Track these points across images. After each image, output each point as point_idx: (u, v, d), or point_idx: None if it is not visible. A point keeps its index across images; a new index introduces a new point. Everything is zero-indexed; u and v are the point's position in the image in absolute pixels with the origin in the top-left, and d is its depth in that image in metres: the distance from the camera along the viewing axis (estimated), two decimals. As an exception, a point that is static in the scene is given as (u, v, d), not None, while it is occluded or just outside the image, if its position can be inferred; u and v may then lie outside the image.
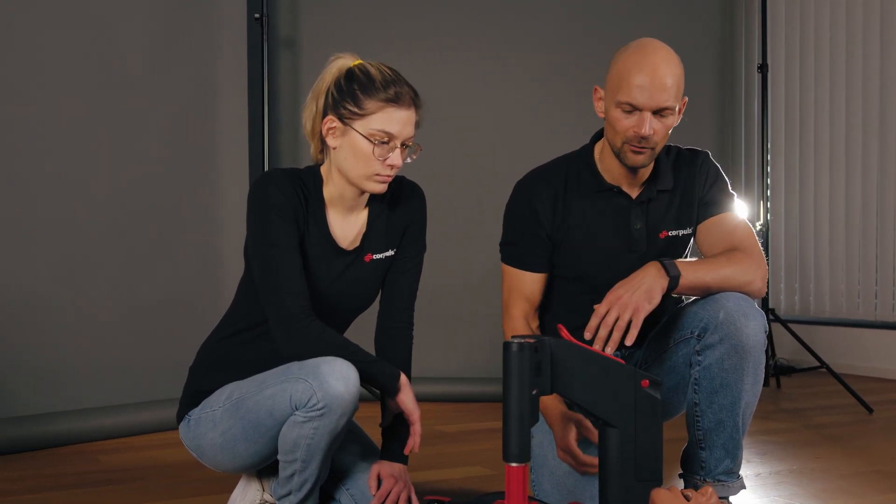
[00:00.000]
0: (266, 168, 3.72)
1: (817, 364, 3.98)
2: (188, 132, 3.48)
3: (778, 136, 5.19)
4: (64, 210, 3.15)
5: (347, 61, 1.88)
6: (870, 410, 3.62)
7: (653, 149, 1.96)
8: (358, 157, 1.83)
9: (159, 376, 3.26)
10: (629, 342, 1.77)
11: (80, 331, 3.18)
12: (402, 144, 1.84)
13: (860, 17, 4.77)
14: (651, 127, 1.90)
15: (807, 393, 4.15)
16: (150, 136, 3.37)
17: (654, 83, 1.88)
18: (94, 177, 3.22)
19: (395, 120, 1.81)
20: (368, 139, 1.81)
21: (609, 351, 1.77)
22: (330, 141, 1.86)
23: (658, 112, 1.91)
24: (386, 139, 1.81)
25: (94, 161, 3.23)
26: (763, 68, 4.22)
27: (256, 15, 3.79)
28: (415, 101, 1.84)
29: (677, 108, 1.95)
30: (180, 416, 1.96)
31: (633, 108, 1.91)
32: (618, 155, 1.99)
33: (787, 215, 5.18)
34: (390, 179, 1.86)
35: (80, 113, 3.20)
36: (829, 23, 4.93)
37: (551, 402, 1.98)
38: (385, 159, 1.82)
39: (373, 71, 1.83)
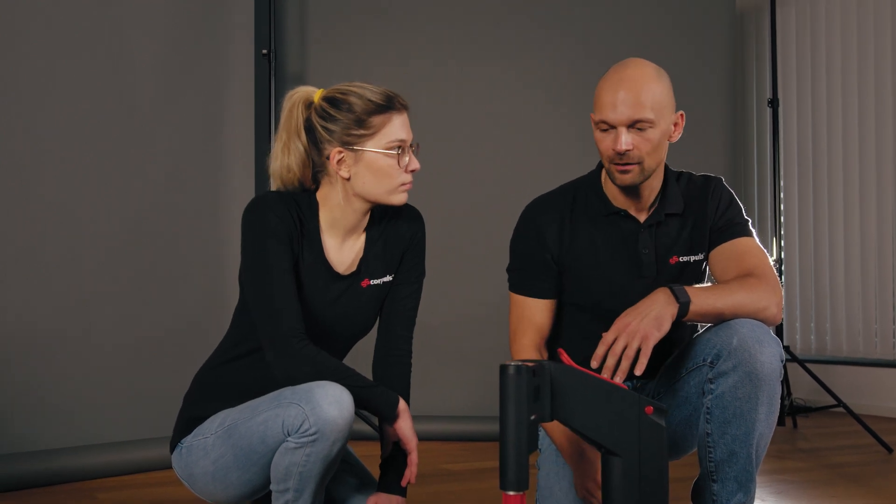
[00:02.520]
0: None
1: (833, 403, 3.89)
2: (195, 166, 3.48)
3: (791, 172, 5.14)
4: (68, 242, 3.14)
5: (308, 92, 1.88)
6: (889, 450, 3.53)
7: (640, 164, 1.92)
8: (380, 176, 1.82)
9: (159, 413, 3.20)
10: (638, 372, 1.71)
11: (81, 367, 3.13)
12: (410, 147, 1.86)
13: (871, 51, 4.75)
14: (627, 142, 1.89)
15: (823, 433, 4.05)
16: (158, 169, 3.36)
17: (620, 97, 1.88)
18: (100, 209, 3.21)
19: (400, 125, 1.83)
20: (387, 154, 1.81)
21: (618, 380, 1.71)
22: (343, 172, 1.83)
23: (633, 126, 1.89)
24: (400, 147, 1.82)
25: (101, 193, 3.21)
26: (773, 103, 4.19)
27: (264, 51, 3.80)
28: (404, 102, 1.86)
29: (662, 122, 1.91)
30: (173, 444, 1.91)
31: (608, 126, 1.91)
32: (610, 177, 1.97)
33: (802, 252, 5.12)
34: (412, 185, 1.87)
35: (88, 145, 3.19)
36: (840, 56, 4.91)
37: (567, 436, 1.92)
38: (407, 167, 1.84)
39: (355, 89, 1.83)
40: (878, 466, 3.25)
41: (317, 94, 1.87)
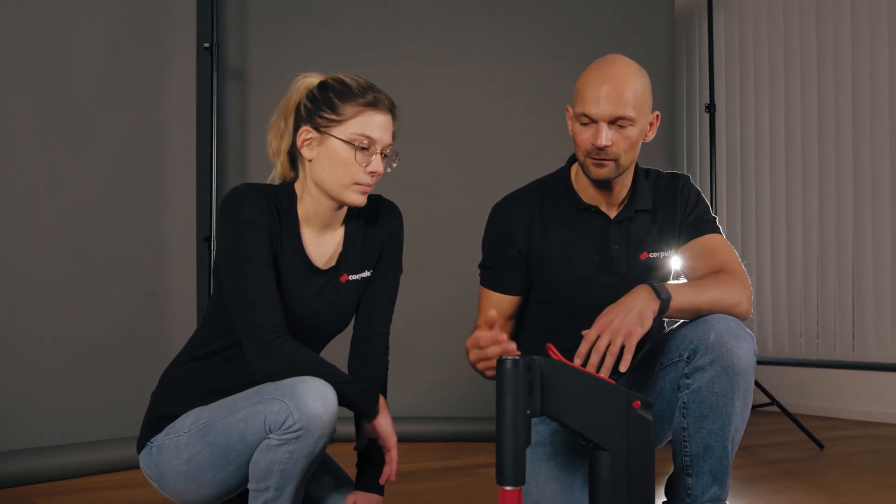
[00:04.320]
0: (213, 199, 3.61)
1: (765, 402, 3.99)
2: (136, 160, 3.37)
3: (720, 177, 5.26)
4: (3, 238, 3.00)
5: (315, 79, 1.86)
6: (821, 447, 3.64)
7: (615, 160, 1.94)
8: (337, 165, 1.78)
9: (101, 415, 3.10)
10: (623, 368, 1.72)
11: (17, 365, 3.00)
12: (381, 153, 1.81)
13: (798, 57, 4.90)
14: (608, 137, 1.90)
15: (757, 430, 4.15)
16: (97, 163, 3.24)
17: (606, 93, 1.90)
18: (38, 202, 3.08)
19: (374, 124, 1.78)
20: (349, 144, 1.77)
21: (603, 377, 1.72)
22: (306, 153, 1.80)
23: (614, 122, 1.91)
24: (366, 144, 1.78)
25: (38, 187, 3.08)
26: (711, 108, 4.27)
27: (206, 45, 3.71)
28: (392, 108, 1.82)
29: (641, 121, 1.94)
30: (141, 443, 1.84)
31: (589, 120, 1.92)
32: (584, 170, 1.98)
33: (730, 256, 5.24)
34: (370, 189, 1.82)
35: (24, 139, 3.06)
36: (767, 62, 5.05)
37: None
38: (366, 165, 1.78)
39: (347, 80, 1.81)
40: (811, 462, 3.34)
41: (319, 79, 1.85)
